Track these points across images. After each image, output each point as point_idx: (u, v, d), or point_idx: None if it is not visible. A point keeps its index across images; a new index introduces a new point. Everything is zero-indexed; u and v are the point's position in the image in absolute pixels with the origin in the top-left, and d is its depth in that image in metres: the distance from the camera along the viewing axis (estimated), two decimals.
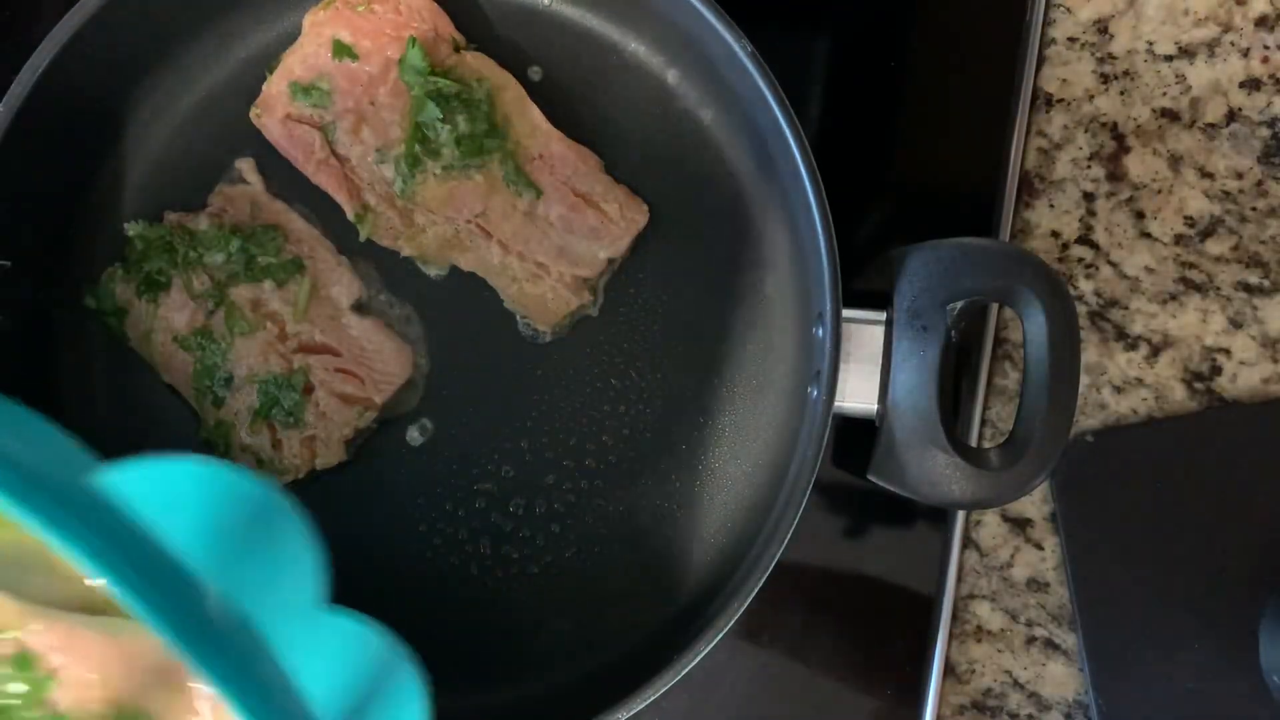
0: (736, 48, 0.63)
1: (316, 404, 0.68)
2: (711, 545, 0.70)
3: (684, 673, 0.61)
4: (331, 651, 0.45)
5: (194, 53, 0.71)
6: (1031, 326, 0.61)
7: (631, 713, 0.62)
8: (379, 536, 0.70)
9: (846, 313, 0.62)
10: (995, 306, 0.74)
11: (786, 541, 0.62)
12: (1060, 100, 0.74)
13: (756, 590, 0.62)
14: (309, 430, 0.68)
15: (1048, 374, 0.60)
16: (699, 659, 0.61)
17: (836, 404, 0.62)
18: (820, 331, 0.63)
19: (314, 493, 0.70)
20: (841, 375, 0.62)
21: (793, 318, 0.70)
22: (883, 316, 0.64)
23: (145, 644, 0.53)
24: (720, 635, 0.61)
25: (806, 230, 0.63)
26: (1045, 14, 0.74)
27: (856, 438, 0.69)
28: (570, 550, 0.70)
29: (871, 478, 0.64)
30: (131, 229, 0.69)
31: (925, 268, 0.62)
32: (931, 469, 0.62)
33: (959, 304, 0.62)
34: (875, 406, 0.63)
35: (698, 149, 0.71)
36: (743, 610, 0.62)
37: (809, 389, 0.65)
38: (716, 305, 0.71)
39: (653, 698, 0.61)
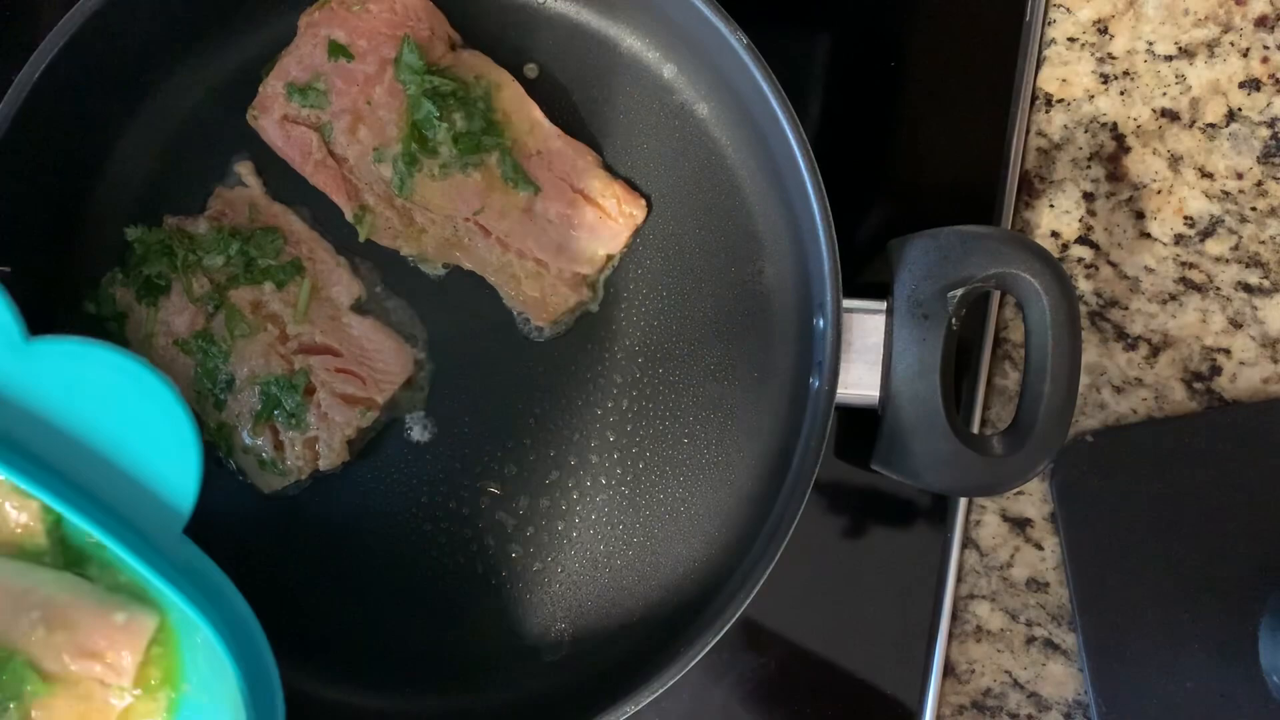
0: (731, 39, 0.63)
1: (318, 405, 0.68)
2: (714, 540, 0.70)
3: (684, 672, 0.62)
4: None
5: (191, 55, 0.71)
6: (1032, 313, 0.61)
7: (631, 712, 0.62)
8: (383, 536, 0.70)
9: (847, 302, 0.62)
10: (995, 307, 0.74)
11: (790, 536, 0.62)
12: (1060, 100, 0.74)
13: (759, 587, 0.62)
14: (311, 431, 0.68)
15: (1050, 360, 0.60)
16: (700, 657, 0.61)
17: (838, 394, 0.62)
18: (821, 322, 0.63)
19: (318, 493, 0.71)
20: (843, 365, 0.62)
21: (793, 309, 0.70)
22: (883, 306, 0.64)
23: (28, 582, 0.54)
24: (722, 633, 0.61)
25: (805, 220, 0.63)
26: (1045, 14, 0.74)
27: (858, 429, 0.69)
28: (574, 548, 0.70)
29: (875, 467, 0.64)
30: (131, 233, 0.69)
31: (925, 255, 0.62)
32: (935, 456, 0.62)
33: (959, 291, 0.62)
34: (877, 395, 0.63)
35: (696, 143, 0.71)
36: (745, 607, 0.62)
37: (811, 379, 0.65)
38: (717, 298, 0.71)
39: (652, 697, 0.62)
